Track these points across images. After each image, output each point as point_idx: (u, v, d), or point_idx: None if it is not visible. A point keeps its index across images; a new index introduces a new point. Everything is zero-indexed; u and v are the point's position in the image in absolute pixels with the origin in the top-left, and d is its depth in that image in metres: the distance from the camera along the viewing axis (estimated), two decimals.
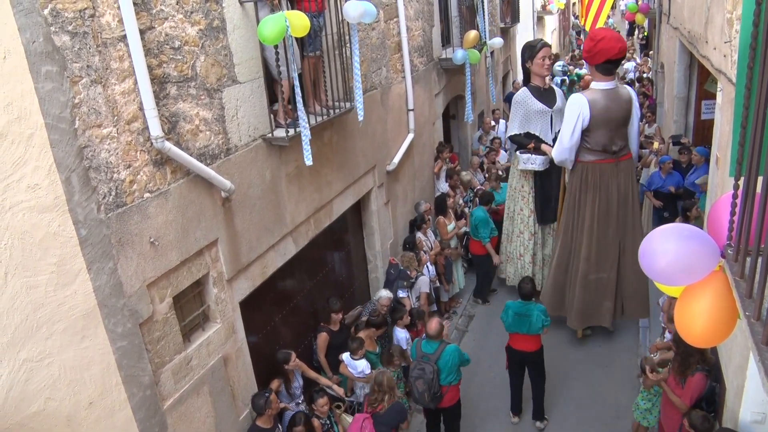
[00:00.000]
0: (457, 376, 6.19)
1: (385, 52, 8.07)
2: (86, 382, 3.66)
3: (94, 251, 3.65)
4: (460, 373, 6.25)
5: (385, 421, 5.60)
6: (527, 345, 6.72)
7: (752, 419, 4.57)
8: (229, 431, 5.14)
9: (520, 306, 6.68)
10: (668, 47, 12.34)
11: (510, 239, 9.19)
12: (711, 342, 2.57)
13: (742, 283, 2.06)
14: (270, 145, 5.44)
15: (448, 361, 6.01)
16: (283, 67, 4.98)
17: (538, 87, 8.34)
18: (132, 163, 3.96)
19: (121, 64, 3.84)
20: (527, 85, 8.53)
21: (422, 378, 5.97)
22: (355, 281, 7.97)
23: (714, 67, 6.83)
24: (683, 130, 11.10)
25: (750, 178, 2.04)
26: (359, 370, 6.23)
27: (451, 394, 6.19)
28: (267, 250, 5.52)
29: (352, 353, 6.26)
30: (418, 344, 6.24)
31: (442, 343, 6.09)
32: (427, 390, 5.96)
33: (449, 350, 6.04)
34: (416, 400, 6.19)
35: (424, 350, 6.11)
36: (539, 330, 6.61)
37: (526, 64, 8.47)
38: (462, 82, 11.22)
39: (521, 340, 6.72)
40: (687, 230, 2.43)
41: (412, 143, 8.96)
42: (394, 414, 5.65)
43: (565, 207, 7.67)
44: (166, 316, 4.35)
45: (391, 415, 5.63)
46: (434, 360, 6.00)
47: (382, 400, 5.64)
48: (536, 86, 8.35)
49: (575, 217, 7.45)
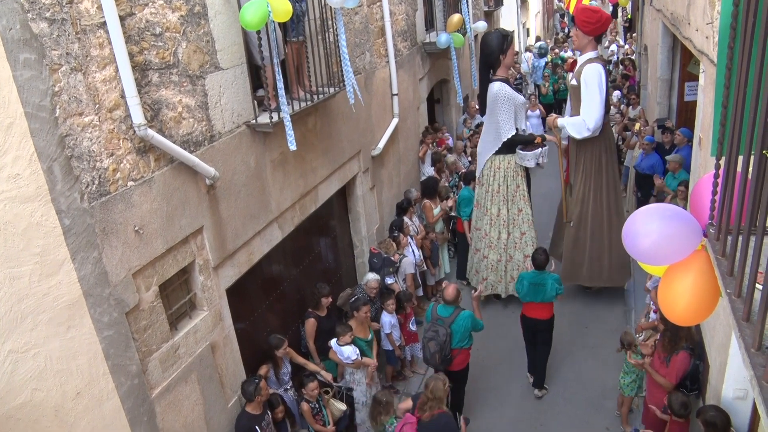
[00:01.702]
0: (469, 341, 6.41)
1: (368, 37, 8.03)
2: (73, 372, 3.64)
3: (78, 241, 3.62)
4: (472, 338, 6.47)
5: (429, 430, 5.27)
6: (540, 313, 6.96)
7: (735, 396, 4.66)
8: (219, 418, 5.15)
9: (534, 276, 6.88)
10: (651, 29, 12.38)
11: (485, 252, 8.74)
12: (694, 320, 2.61)
13: (724, 262, 2.09)
14: (254, 131, 5.40)
15: (462, 326, 6.24)
16: (266, 52, 4.94)
17: (508, 79, 8.38)
18: (115, 151, 3.93)
19: (102, 52, 3.78)
20: (500, 78, 8.10)
21: (435, 339, 6.20)
22: (342, 267, 7.98)
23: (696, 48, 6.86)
24: (667, 112, 11.17)
25: (730, 157, 2.06)
26: (346, 356, 6.26)
27: (461, 358, 6.41)
28: (253, 236, 5.51)
29: (338, 339, 6.29)
30: (434, 308, 6.47)
31: (457, 308, 6.31)
32: (438, 351, 6.18)
33: (464, 315, 6.27)
34: (427, 361, 6.45)
35: (440, 313, 6.33)
36: (553, 298, 6.86)
37: (500, 55, 8.03)
38: (446, 66, 11.22)
39: (535, 308, 6.95)
40: (669, 210, 2.46)
41: (397, 128, 8.95)
42: (440, 426, 5.26)
43: (587, 172, 8.17)
44: (153, 305, 4.33)
45: (437, 427, 5.25)
46: (448, 323, 6.23)
47: (429, 408, 5.24)
48: (507, 78, 8.35)
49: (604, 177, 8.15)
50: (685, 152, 8.50)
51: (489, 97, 8.16)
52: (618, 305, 8.74)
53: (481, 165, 8.59)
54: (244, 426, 5.20)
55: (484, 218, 8.68)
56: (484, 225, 8.70)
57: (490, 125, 8.34)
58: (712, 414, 4.42)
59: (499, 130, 8.18)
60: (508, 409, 7.09)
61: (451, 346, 6.22)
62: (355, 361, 6.28)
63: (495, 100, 8.05)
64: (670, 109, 11.22)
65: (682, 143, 8.79)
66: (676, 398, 5.06)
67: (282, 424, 5.65)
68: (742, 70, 1.93)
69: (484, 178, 8.59)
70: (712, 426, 4.38)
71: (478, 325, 6.38)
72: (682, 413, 5.00)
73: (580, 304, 8.72)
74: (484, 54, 8.18)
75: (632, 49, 18.40)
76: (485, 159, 8.49)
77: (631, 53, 18.38)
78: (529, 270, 7.25)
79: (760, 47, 1.75)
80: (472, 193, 9.07)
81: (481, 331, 6.48)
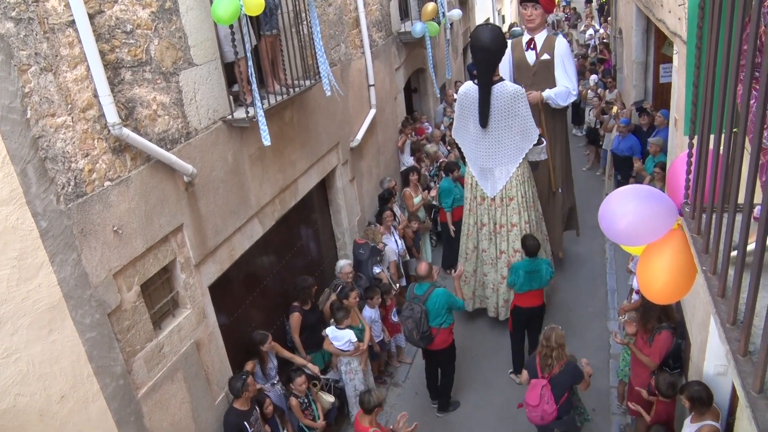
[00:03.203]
0: (447, 319, 6.50)
1: (342, 28, 7.99)
2: (56, 375, 3.61)
3: (56, 243, 3.58)
4: (451, 316, 6.57)
5: (561, 383, 5.47)
6: (536, 300, 6.99)
7: (716, 372, 4.75)
8: (206, 416, 5.14)
9: (528, 264, 6.83)
10: (625, 12, 12.47)
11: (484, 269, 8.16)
12: (671, 298, 2.65)
13: (699, 239, 2.12)
14: (231, 126, 5.37)
15: (436, 303, 6.40)
16: (239, 47, 4.90)
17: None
18: (90, 151, 3.88)
19: (72, 51, 3.73)
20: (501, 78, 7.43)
21: (411, 317, 6.41)
22: (325, 259, 7.97)
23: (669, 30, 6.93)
24: (643, 95, 11.28)
25: (703, 136, 2.09)
26: (345, 340, 6.25)
27: (442, 337, 6.53)
28: (233, 232, 5.49)
29: (338, 323, 6.28)
30: (411, 287, 6.75)
31: (431, 285, 6.48)
32: (415, 328, 6.38)
33: (437, 293, 6.43)
34: (408, 338, 6.64)
35: (415, 292, 6.59)
36: (547, 282, 6.92)
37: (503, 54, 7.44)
38: (422, 56, 11.20)
39: (531, 297, 6.94)
40: (644, 191, 2.49)
41: (375, 119, 8.94)
42: (569, 375, 5.49)
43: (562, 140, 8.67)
44: (135, 305, 4.30)
45: (566, 376, 5.48)
46: (423, 301, 6.43)
47: (551, 356, 5.48)
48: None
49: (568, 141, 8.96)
50: (664, 134, 8.60)
51: (502, 100, 7.16)
52: (600, 287, 8.85)
53: (504, 181, 7.58)
54: (232, 422, 5.19)
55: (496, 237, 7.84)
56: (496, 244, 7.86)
57: (508, 131, 7.35)
58: (696, 389, 4.49)
59: (526, 131, 7.36)
60: (494, 395, 7.15)
61: (428, 323, 6.37)
62: (355, 344, 6.29)
63: (514, 101, 7.15)
64: (646, 91, 11.33)
65: (663, 125, 8.88)
66: (663, 379, 5.13)
67: (272, 419, 5.65)
68: (711, 49, 1.96)
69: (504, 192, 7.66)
70: (697, 401, 4.46)
71: (456, 303, 6.52)
72: (669, 393, 5.08)
73: (562, 287, 8.81)
74: (489, 52, 7.02)
75: (608, 33, 18.51)
76: (511, 171, 7.53)
77: (606, 37, 18.49)
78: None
79: (727, 26, 1.77)
80: (452, 184, 9.06)
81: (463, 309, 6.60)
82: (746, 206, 1.59)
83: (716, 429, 4.42)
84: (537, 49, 8.28)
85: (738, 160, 1.72)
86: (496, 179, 7.62)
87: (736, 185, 1.72)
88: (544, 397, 5.47)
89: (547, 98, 8.12)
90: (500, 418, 6.82)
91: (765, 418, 1.41)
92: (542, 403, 5.45)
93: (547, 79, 8.23)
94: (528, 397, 5.58)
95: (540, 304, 7.03)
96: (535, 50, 8.30)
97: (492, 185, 7.67)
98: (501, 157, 7.52)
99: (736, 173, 1.73)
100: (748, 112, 1.70)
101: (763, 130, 1.34)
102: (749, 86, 1.62)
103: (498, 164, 7.55)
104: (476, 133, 7.52)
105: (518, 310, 7.04)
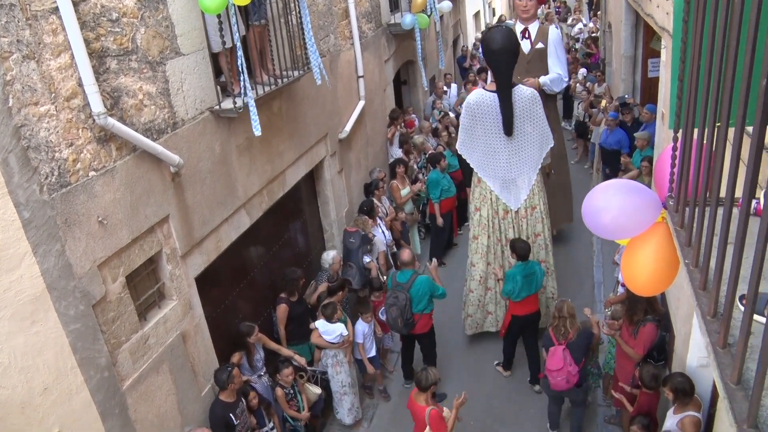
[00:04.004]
0: (428, 306, 6.65)
1: (332, 19, 7.95)
2: (39, 367, 3.58)
3: (39, 233, 3.54)
4: (432, 303, 6.71)
5: (578, 346, 5.80)
6: (532, 306, 6.81)
7: (699, 364, 4.80)
8: (192, 407, 5.12)
9: (523, 268, 6.62)
10: (615, 6, 12.50)
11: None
12: (655, 290, 2.67)
13: (683, 232, 2.13)
14: (218, 117, 5.33)
15: (419, 290, 6.56)
16: (227, 37, 4.86)
17: None
18: (74, 141, 3.84)
19: (55, 38, 3.68)
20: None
21: (396, 305, 6.55)
22: (312, 251, 7.95)
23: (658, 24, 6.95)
24: (631, 89, 11.32)
25: (687, 130, 2.09)
26: (336, 334, 6.26)
27: (423, 322, 6.70)
28: (220, 223, 5.46)
29: (329, 319, 6.28)
30: (394, 275, 6.89)
31: (414, 273, 6.62)
32: (399, 315, 6.54)
33: (420, 280, 6.62)
34: (391, 326, 6.78)
35: (398, 280, 6.73)
36: (541, 284, 6.84)
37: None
38: (412, 48, 11.16)
39: (528, 303, 6.72)
40: (628, 185, 2.50)
41: (364, 110, 8.91)
42: (584, 338, 5.85)
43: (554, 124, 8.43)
44: (120, 296, 4.27)
45: (582, 339, 5.84)
46: (407, 288, 6.57)
47: (564, 325, 5.84)
48: None
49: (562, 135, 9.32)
50: (652, 129, 8.63)
51: (521, 105, 6.86)
52: (587, 280, 8.89)
53: (527, 190, 7.27)
54: (218, 414, 5.18)
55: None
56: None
57: (528, 137, 7.07)
58: (679, 380, 4.54)
59: (545, 135, 7.13)
60: (482, 386, 7.19)
61: (412, 310, 6.52)
62: (345, 337, 6.30)
63: (532, 104, 6.90)
64: (635, 85, 11.38)
65: (650, 120, 8.91)
66: (647, 371, 5.18)
67: (258, 411, 5.64)
68: (696, 43, 1.96)
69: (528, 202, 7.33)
70: (680, 392, 4.51)
71: (437, 291, 6.63)
72: (653, 385, 5.12)
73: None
74: (508, 54, 6.61)
75: (597, 27, 18.55)
76: (533, 180, 7.26)
77: (596, 31, 18.53)
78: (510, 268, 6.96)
79: (711, 20, 1.77)
80: (440, 176, 9.07)
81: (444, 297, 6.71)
82: (728, 199, 1.60)
83: (698, 419, 4.47)
84: (531, 38, 8.44)
85: (720, 153, 1.72)
86: (519, 189, 7.25)
87: (718, 179, 1.72)
88: (566, 359, 5.73)
89: (543, 84, 8.20)
90: (485, 409, 6.86)
91: (742, 409, 1.42)
92: (565, 365, 5.72)
93: (541, 68, 8.39)
94: (550, 364, 5.79)
95: (536, 309, 6.87)
96: (529, 39, 8.44)
97: (515, 197, 7.27)
98: (522, 165, 7.16)
99: (719, 167, 1.74)
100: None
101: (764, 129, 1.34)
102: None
103: (520, 173, 7.19)
104: (493, 144, 7.08)
105: (516, 319, 6.78)
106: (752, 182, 1.43)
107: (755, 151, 1.38)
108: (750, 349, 1.51)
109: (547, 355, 5.90)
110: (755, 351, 1.46)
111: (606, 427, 6.41)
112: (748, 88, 1.42)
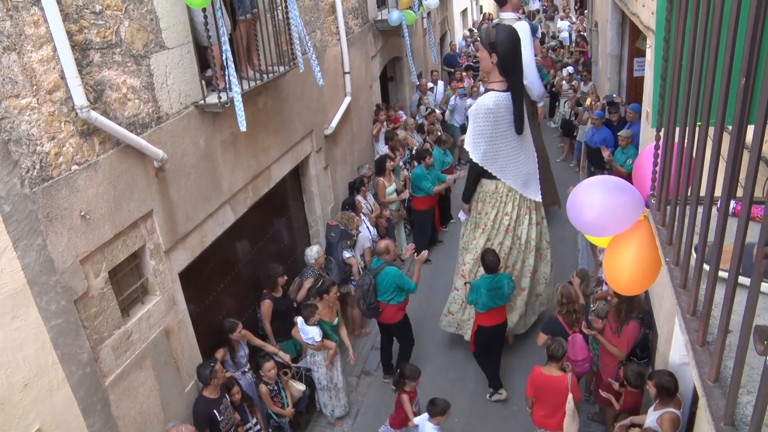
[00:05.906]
0: (397, 297, 6.69)
1: (318, 15, 7.92)
2: (19, 363, 3.54)
3: (19, 228, 3.50)
4: (402, 295, 6.73)
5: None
6: (500, 317, 6.66)
7: (681, 361, 4.84)
8: (176, 403, 5.10)
9: (490, 281, 6.44)
10: (601, 5, 12.56)
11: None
12: (637, 289, 2.69)
13: (664, 231, 2.15)
14: (203, 112, 5.30)
15: (384, 279, 6.61)
16: (212, 31, 4.83)
17: None
18: (56, 134, 3.80)
19: (37, 30, 3.63)
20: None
21: (360, 287, 6.75)
22: (298, 247, 7.93)
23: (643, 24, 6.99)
24: (617, 88, 11.39)
25: (669, 129, 2.11)
26: (309, 336, 6.24)
27: (390, 312, 6.77)
28: (205, 219, 5.43)
29: (306, 320, 6.26)
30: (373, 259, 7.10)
31: (385, 262, 6.72)
32: (362, 298, 6.71)
33: (387, 270, 6.65)
34: (358, 306, 6.96)
35: (372, 265, 6.97)
36: (509, 298, 6.66)
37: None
38: (399, 44, 11.16)
39: (495, 315, 6.59)
40: (612, 182, 2.51)
41: (350, 106, 8.89)
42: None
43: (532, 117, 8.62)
44: (103, 291, 4.24)
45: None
46: (374, 274, 6.70)
47: (574, 311, 6.00)
48: None
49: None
50: (636, 128, 8.70)
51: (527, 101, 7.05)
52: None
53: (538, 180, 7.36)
54: (201, 410, 5.16)
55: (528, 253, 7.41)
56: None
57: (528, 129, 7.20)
58: (666, 379, 4.56)
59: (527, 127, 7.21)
60: (466, 384, 7.21)
61: (375, 296, 6.62)
62: (317, 343, 6.26)
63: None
64: (620, 84, 11.44)
65: (635, 119, 8.98)
66: (632, 370, 5.22)
67: (241, 407, 5.63)
68: (678, 42, 1.97)
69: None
70: (665, 390, 4.54)
71: (406, 284, 6.63)
72: (638, 384, 5.16)
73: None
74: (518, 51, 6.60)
75: (583, 26, 18.65)
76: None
77: (582, 30, 18.62)
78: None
79: (693, 19, 1.78)
80: (425, 171, 9.09)
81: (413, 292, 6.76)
82: (707, 199, 1.61)
83: (677, 416, 4.51)
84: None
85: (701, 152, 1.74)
86: (537, 180, 7.32)
87: (699, 178, 1.74)
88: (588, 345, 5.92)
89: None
90: (471, 406, 6.88)
91: (719, 406, 1.44)
92: (589, 352, 5.89)
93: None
94: (574, 354, 5.71)
95: (503, 321, 6.72)
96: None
97: (535, 187, 7.28)
98: (533, 156, 7.27)
99: (700, 166, 1.75)
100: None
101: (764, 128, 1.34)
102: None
103: (534, 165, 7.26)
104: (514, 145, 6.95)
105: (482, 330, 6.66)
106: (731, 181, 1.44)
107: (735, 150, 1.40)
108: (728, 348, 1.53)
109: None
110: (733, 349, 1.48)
111: (589, 425, 6.45)
112: (728, 87, 1.43)
